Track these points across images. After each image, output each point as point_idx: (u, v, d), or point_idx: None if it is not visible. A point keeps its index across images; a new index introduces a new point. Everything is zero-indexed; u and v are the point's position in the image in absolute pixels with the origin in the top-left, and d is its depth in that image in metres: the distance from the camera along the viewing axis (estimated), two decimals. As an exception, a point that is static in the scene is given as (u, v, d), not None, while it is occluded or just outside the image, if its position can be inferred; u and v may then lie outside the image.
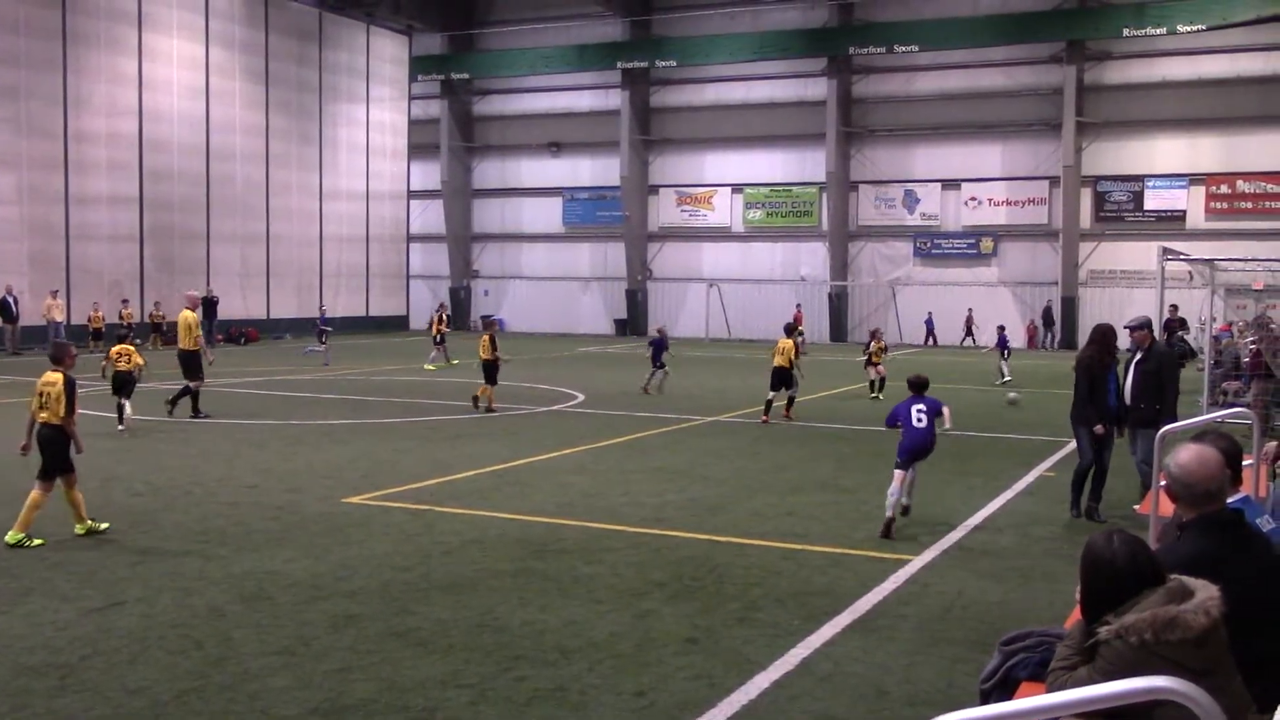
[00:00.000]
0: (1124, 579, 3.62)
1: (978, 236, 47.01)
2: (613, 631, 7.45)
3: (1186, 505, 4.28)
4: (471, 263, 56.80)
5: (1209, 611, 3.42)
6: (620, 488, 12.79)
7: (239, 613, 7.79)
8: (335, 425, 18.06)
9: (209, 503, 11.62)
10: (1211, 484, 4.20)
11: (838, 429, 18.67)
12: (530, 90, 54.40)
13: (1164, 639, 3.38)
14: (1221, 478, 4.26)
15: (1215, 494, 4.22)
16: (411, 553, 9.56)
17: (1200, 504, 4.23)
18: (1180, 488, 4.25)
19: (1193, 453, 4.29)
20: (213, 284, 40.99)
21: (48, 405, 9.88)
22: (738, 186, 50.99)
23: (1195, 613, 3.41)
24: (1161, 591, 3.55)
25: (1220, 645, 3.48)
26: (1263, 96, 42.25)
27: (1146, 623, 3.42)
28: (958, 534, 10.70)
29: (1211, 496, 4.22)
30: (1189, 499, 4.25)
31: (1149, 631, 3.40)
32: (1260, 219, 42.67)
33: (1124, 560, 3.64)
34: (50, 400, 9.88)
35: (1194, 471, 4.20)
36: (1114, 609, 3.57)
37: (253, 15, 44.04)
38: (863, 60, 47.71)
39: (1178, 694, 2.44)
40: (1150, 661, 3.33)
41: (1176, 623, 3.39)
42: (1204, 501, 4.22)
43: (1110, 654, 3.47)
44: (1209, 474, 4.20)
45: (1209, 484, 4.20)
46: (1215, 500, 4.23)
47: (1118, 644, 3.45)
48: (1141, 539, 3.85)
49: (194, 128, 41.52)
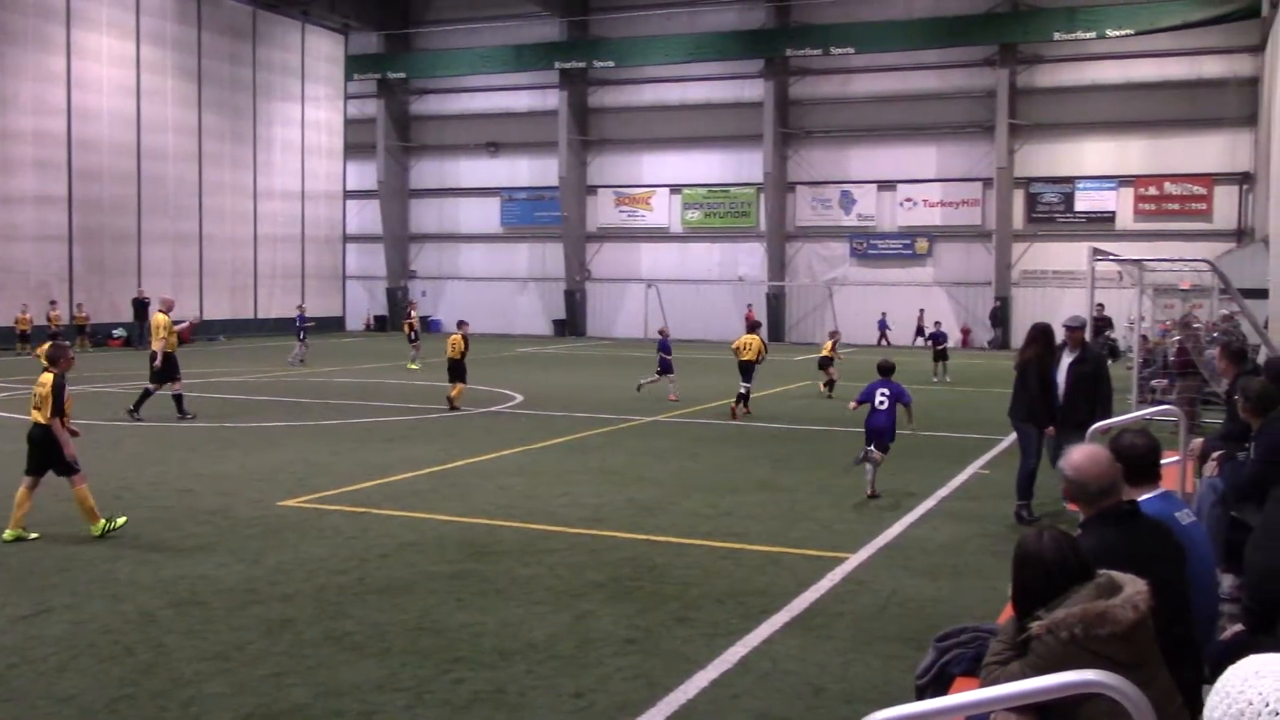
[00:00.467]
0: (1054, 575, 3.68)
1: (913, 237, 47.53)
2: (551, 633, 7.43)
3: (1084, 503, 4.46)
4: (409, 263, 56.39)
5: (1137, 605, 3.49)
6: (559, 489, 12.77)
7: (171, 618, 7.67)
8: (270, 428, 17.85)
9: (140, 507, 11.42)
10: (1104, 480, 4.39)
11: (777, 429, 18.78)
12: (468, 90, 54.13)
13: (1094, 633, 3.44)
14: (1113, 474, 4.45)
15: (1109, 490, 4.41)
16: (348, 556, 9.47)
17: (1095, 501, 4.41)
18: (1076, 488, 4.44)
19: (1084, 453, 4.49)
20: (144, 285, 40.29)
21: (40, 405, 10.06)
22: (676, 187, 51.11)
23: (1124, 607, 3.47)
24: (1091, 586, 3.61)
25: (1148, 638, 3.55)
26: (1189, 100, 43.15)
27: (1076, 617, 3.47)
28: (894, 531, 10.80)
29: (1105, 493, 4.40)
30: (1085, 497, 4.43)
31: (1079, 626, 3.45)
32: (1187, 220, 43.58)
33: (1053, 556, 3.71)
34: (40, 400, 10.06)
35: (1086, 470, 4.39)
36: (1045, 604, 3.63)
37: (185, 12, 43.40)
38: (799, 62, 48.05)
39: (1107, 687, 2.48)
40: (1081, 656, 3.38)
41: (1106, 617, 3.45)
42: (1099, 498, 4.40)
43: (1041, 649, 3.52)
44: (1100, 472, 4.39)
45: (1101, 481, 4.38)
46: (1110, 496, 4.41)
47: (1049, 639, 3.50)
48: (1071, 535, 3.93)
49: (125, 126, 40.84)
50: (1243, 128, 42.01)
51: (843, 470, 13.69)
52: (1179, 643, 3.97)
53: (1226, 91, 42.61)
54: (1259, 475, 5.97)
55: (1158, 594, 3.63)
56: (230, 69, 45.65)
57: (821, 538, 10.48)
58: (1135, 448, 4.91)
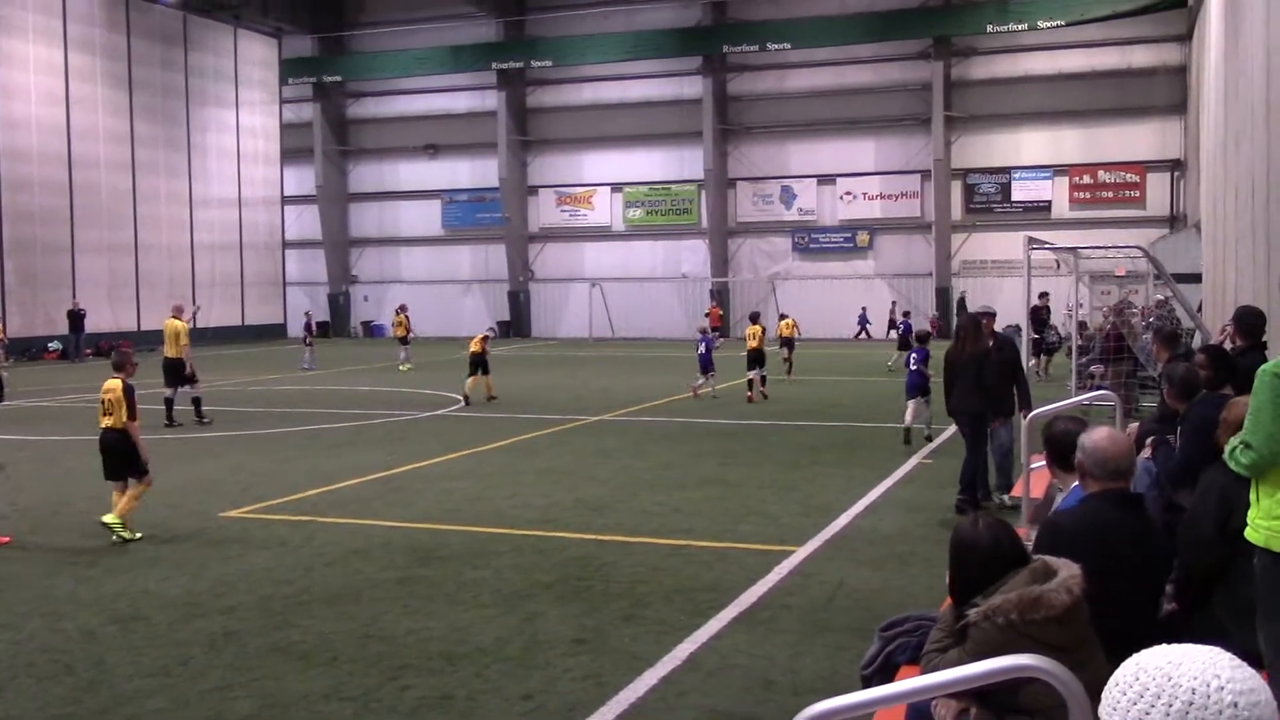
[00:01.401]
0: (990, 562, 3.74)
1: (854, 230, 47.87)
2: (499, 635, 7.41)
3: (1096, 479, 4.51)
4: (350, 268, 55.89)
5: (1070, 589, 3.55)
6: (506, 490, 12.73)
7: (113, 635, 7.56)
8: (212, 438, 17.63)
9: (79, 523, 11.24)
10: (1124, 461, 4.50)
11: (722, 425, 18.84)
12: (405, 92, 53.72)
13: (1029, 618, 3.49)
14: (1133, 458, 4.58)
15: (1125, 471, 4.51)
16: (293, 565, 9.38)
17: (1110, 479, 4.48)
18: (1094, 464, 4.49)
19: (1107, 433, 4.60)
20: (79, 297, 39.61)
21: (111, 411, 10.54)
22: (617, 186, 51.11)
23: (1058, 591, 3.53)
24: (1026, 572, 3.67)
25: (1083, 621, 3.61)
26: (1119, 90, 43.84)
27: (1012, 603, 3.53)
28: (840, 523, 10.88)
29: (1121, 473, 4.49)
30: (1102, 474, 4.48)
31: (1015, 611, 3.51)
32: (1121, 208, 44.29)
33: (989, 543, 3.77)
34: (112, 406, 10.56)
35: (1107, 449, 4.48)
36: (982, 591, 3.68)
37: (113, 19, 42.73)
38: (737, 59, 48.22)
39: (1040, 671, 2.52)
40: (1017, 640, 3.43)
41: (1040, 601, 3.50)
42: (1113, 477, 4.48)
43: (979, 635, 3.57)
44: (1121, 451, 4.50)
45: (1121, 461, 4.48)
46: (1124, 478, 4.51)
47: (986, 625, 3.56)
48: (1006, 523, 3.99)
49: (55, 136, 40.12)
50: (1172, 116, 42.77)
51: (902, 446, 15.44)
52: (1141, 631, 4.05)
53: (1156, 80, 43.36)
54: (1188, 460, 6.09)
55: (1138, 582, 3.71)
56: (162, 75, 44.99)
57: (769, 532, 10.53)
58: (1070, 433, 5.00)
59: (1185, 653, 1.80)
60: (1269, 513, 4.31)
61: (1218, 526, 4.69)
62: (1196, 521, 4.84)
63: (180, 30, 46.10)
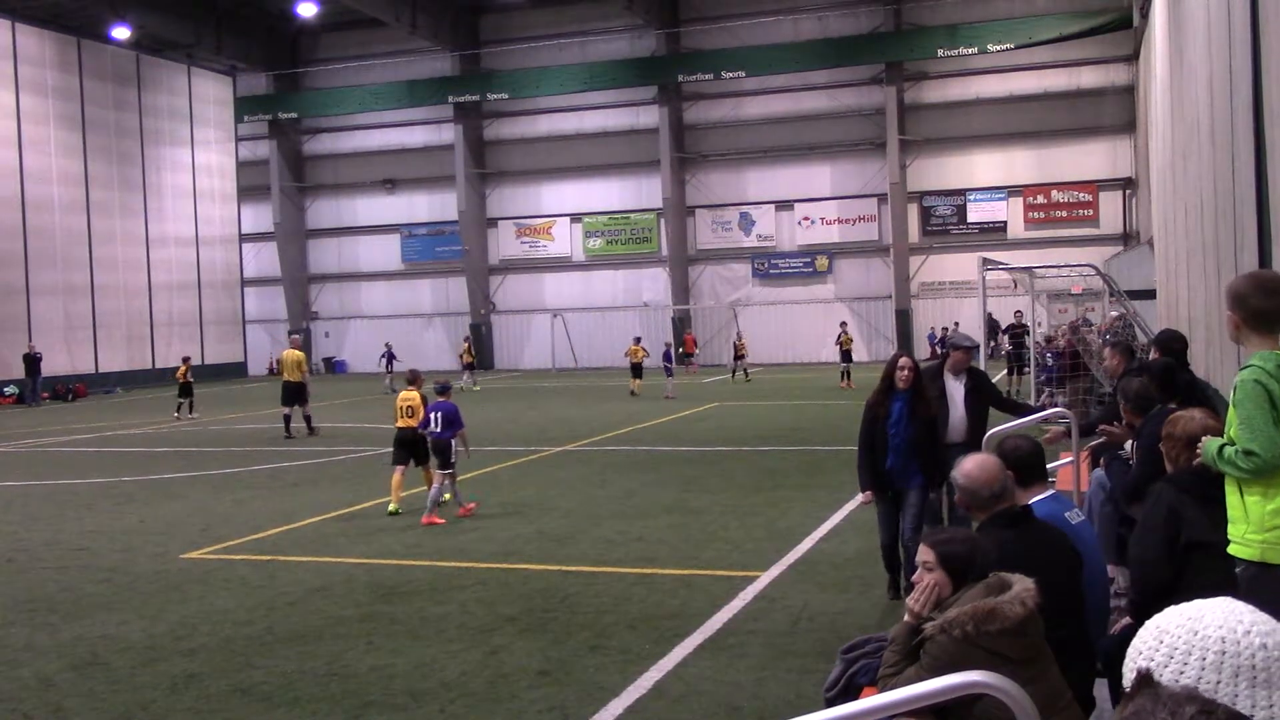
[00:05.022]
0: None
1: (813, 255, 48.19)
2: (464, 670, 7.37)
3: (978, 509, 4.64)
4: (310, 304, 55.63)
5: (1025, 602, 3.58)
6: (469, 524, 12.67)
7: (71, 681, 7.44)
8: (170, 479, 17.45)
9: (34, 569, 11.07)
10: (994, 485, 4.59)
11: (684, 451, 18.86)
12: (361, 127, 53.67)
13: (984, 630, 3.52)
14: (1003, 478, 4.65)
15: (1000, 494, 4.60)
16: (254, 606, 9.28)
17: (988, 505, 4.60)
18: (969, 494, 4.62)
19: (975, 460, 4.71)
20: (35, 340, 39.09)
21: (411, 415, 13.67)
22: (576, 216, 51.21)
23: (1012, 603, 3.57)
24: (980, 586, 3.71)
25: (1038, 634, 3.65)
26: (1070, 110, 44.50)
27: (968, 615, 3.56)
28: (804, 547, 10.90)
29: (997, 497, 4.60)
30: (978, 503, 4.62)
31: (970, 624, 3.54)
32: (1075, 226, 44.86)
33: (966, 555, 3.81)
34: (414, 411, 13.69)
35: (977, 478, 4.60)
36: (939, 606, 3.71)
37: (65, 60, 42.48)
38: (692, 87, 48.54)
39: (988, 686, 2.54)
40: (973, 654, 3.46)
41: (995, 614, 3.53)
42: (991, 503, 4.59)
43: (935, 649, 3.60)
44: (991, 477, 4.60)
45: (992, 486, 4.59)
46: (1002, 500, 4.61)
47: (942, 639, 3.58)
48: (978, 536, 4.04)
49: (7, 178, 39.78)
50: (1123, 135, 43.43)
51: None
52: (1068, 641, 4.09)
53: (1105, 101, 44.03)
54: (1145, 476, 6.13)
55: (1050, 593, 3.73)
56: (116, 115, 44.74)
57: (732, 558, 10.53)
58: (1020, 450, 5.06)
59: (1201, 607, 1.84)
60: (1261, 525, 4.22)
61: (1166, 542, 4.73)
62: (1145, 535, 4.88)
63: (134, 70, 45.88)
